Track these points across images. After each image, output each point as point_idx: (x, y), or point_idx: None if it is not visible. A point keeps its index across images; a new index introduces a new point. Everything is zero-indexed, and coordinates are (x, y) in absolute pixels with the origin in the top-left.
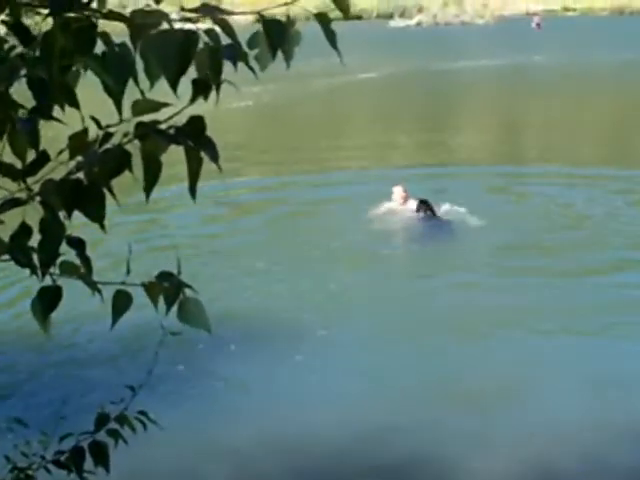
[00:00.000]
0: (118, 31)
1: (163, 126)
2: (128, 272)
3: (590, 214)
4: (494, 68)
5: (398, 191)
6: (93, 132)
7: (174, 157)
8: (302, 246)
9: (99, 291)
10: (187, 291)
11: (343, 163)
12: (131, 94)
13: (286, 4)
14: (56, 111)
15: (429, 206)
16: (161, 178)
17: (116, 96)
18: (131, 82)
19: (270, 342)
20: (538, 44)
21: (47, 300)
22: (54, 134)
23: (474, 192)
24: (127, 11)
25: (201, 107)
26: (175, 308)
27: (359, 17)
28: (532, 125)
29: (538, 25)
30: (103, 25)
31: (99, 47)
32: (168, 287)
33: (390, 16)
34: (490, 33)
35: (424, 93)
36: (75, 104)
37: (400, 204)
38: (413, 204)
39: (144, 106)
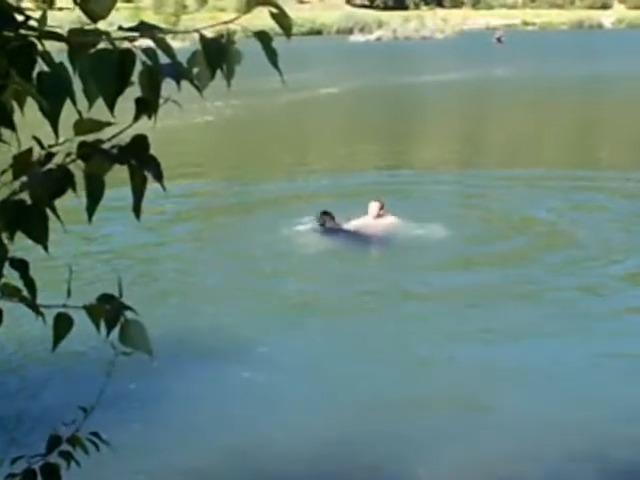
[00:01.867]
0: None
1: (106, 145)
2: (69, 294)
3: (542, 218)
4: (455, 82)
5: (374, 206)
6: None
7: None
8: (253, 261)
9: (42, 315)
10: (129, 314)
11: (303, 176)
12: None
13: (225, 23)
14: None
15: (332, 217)
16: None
17: (52, 117)
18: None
19: (215, 358)
20: (499, 58)
21: None
22: None
23: (431, 201)
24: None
25: (160, 123)
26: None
27: (319, 32)
28: (494, 136)
29: (498, 39)
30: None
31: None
32: (109, 310)
33: (350, 31)
34: (451, 47)
35: (386, 107)
36: (10, 125)
37: (374, 218)
38: (391, 219)
39: (87, 125)
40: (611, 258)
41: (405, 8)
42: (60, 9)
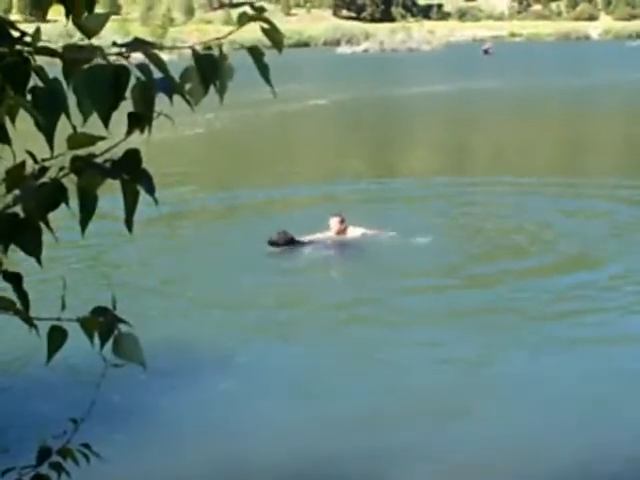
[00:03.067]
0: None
1: (99, 159)
2: (63, 307)
3: (525, 226)
4: (443, 93)
5: (334, 221)
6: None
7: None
8: (234, 273)
9: (35, 327)
10: (122, 326)
11: (292, 186)
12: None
13: (217, 39)
14: None
15: (287, 235)
16: None
17: (47, 132)
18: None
19: (194, 370)
20: (486, 70)
21: None
22: None
23: (414, 213)
24: (74, 41)
25: (152, 136)
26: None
27: (306, 44)
28: (480, 147)
29: (486, 51)
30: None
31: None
32: (102, 322)
33: (337, 43)
34: (438, 59)
35: (375, 119)
36: (6, 140)
37: (336, 233)
38: (353, 232)
39: (80, 140)
40: (600, 267)
41: (392, 20)
42: (48, 21)
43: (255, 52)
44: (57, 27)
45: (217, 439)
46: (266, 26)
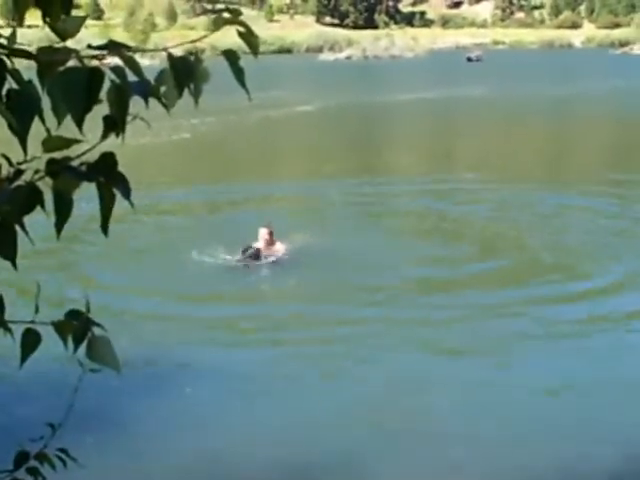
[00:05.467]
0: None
1: (75, 163)
2: (37, 310)
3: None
4: (426, 100)
5: (263, 233)
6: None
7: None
8: (186, 280)
9: (10, 331)
10: (96, 330)
11: (269, 189)
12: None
13: (193, 41)
14: None
15: (258, 256)
16: None
17: (21, 135)
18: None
19: (158, 377)
20: (470, 77)
21: None
22: None
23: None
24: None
25: (136, 141)
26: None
27: (289, 50)
28: (461, 152)
29: (469, 59)
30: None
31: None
32: (76, 325)
33: (320, 49)
34: (420, 66)
35: (361, 126)
36: None
37: (264, 244)
38: (279, 246)
39: (55, 143)
40: (573, 271)
41: (375, 27)
42: (29, 27)
43: (230, 55)
44: (38, 33)
45: (188, 442)
46: (242, 30)
